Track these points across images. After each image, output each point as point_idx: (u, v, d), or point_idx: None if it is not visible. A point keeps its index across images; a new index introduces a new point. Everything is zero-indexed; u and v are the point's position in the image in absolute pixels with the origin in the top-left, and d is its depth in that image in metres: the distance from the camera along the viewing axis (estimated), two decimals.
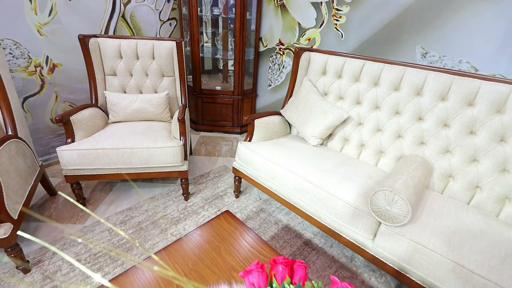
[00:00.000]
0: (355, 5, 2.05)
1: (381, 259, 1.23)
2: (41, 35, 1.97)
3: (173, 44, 2.03)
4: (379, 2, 1.92)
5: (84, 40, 1.85)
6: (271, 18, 2.65)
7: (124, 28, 2.43)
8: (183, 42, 2.02)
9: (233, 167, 1.88)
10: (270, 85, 2.91)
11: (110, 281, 0.86)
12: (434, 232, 1.11)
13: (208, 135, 2.99)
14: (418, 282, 1.13)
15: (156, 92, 2.10)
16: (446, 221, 1.18)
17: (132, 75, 2.07)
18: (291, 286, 0.48)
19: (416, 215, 1.20)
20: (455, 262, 1.00)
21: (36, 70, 2.02)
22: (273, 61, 2.78)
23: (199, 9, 2.54)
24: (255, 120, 1.80)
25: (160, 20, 2.74)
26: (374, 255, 1.25)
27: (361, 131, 1.75)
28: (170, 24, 2.85)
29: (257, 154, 1.67)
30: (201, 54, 2.85)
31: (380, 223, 1.20)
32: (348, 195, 1.31)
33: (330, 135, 1.87)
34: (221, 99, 2.85)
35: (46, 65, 2.06)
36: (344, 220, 1.32)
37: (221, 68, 3.16)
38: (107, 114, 2.00)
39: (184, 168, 1.77)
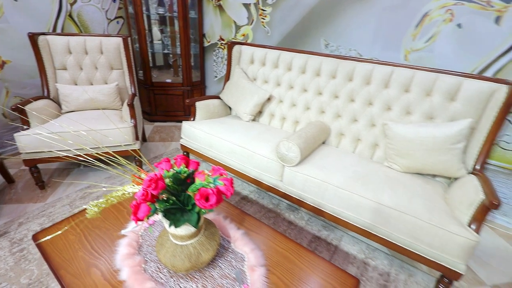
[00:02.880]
0: (276, 6, 2.50)
1: (289, 194, 1.68)
2: None
3: (119, 40, 2.29)
4: (293, 3, 2.39)
5: (33, 38, 2.04)
6: (212, 17, 3.01)
7: (72, 26, 2.61)
8: (131, 38, 2.29)
9: (180, 144, 2.22)
10: (216, 76, 3.27)
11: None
12: (318, 168, 1.58)
13: (162, 125, 3.27)
14: (312, 204, 1.59)
15: (106, 83, 2.34)
16: (330, 161, 1.66)
17: (82, 69, 2.29)
18: (186, 169, 0.86)
19: (309, 159, 1.67)
20: (327, 182, 1.48)
21: None
22: (216, 55, 3.14)
23: (144, 8, 2.79)
24: (196, 102, 2.16)
25: (107, 18, 2.95)
26: (284, 191, 1.70)
27: (282, 107, 2.20)
28: (118, 22, 3.06)
29: (198, 130, 2.03)
30: (151, 50, 3.11)
31: (284, 166, 1.65)
32: (265, 151, 1.74)
33: (260, 112, 2.30)
34: (172, 91, 3.14)
35: None
36: (263, 170, 1.75)
37: (172, 63, 3.44)
38: (60, 106, 2.20)
39: (137, 146, 2.07)
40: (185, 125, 2.10)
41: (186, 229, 0.85)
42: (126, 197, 0.77)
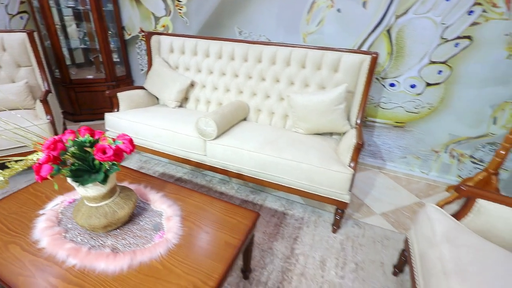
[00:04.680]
0: None
1: (214, 166, 1.87)
2: None
3: (24, 35, 2.16)
4: None
5: None
6: (129, 9, 2.99)
7: None
8: (40, 34, 2.17)
9: None
10: (142, 70, 3.26)
11: None
12: (235, 139, 1.80)
13: (89, 124, 3.14)
14: (235, 171, 1.81)
15: (14, 82, 2.20)
16: (247, 133, 1.90)
17: None
18: (90, 138, 0.97)
19: (228, 133, 1.88)
20: (242, 149, 1.71)
21: None
22: (139, 47, 3.13)
23: (52, 1, 2.63)
24: (118, 93, 2.19)
25: (8, 14, 2.70)
26: (210, 164, 1.88)
27: (205, 91, 2.37)
28: (22, 17, 2.83)
29: (123, 119, 2.08)
30: (67, 46, 2.95)
31: (205, 141, 1.83)
32: (188, 130, 1.89)
33: (186, 99, 2.43)
34: (95, 88, 3.04)
35: None
36: (188, 148, 1.90)
37: (93, 59, 3.29)
38: None
39: None
40: (108, 116, 2.12)
41: (97, 190, 0.97)
42: (31, 164, 0.86)
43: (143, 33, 3.04)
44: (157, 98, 2.52)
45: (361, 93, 1.86)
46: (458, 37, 1.85)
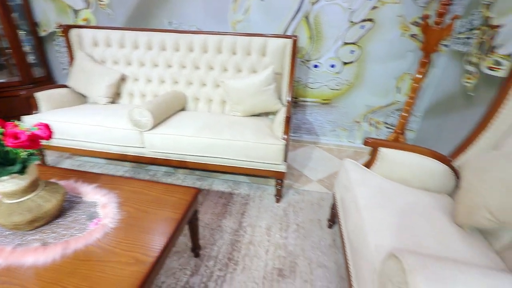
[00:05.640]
0: None
1: (155, 157, 1.85)
2: None
3: None
4: None
5: None
6: (41, 3, 2.69)
7: None
8: None
9: None
10: (65, 68, 2.98)
11: None
12: (173, 127, 1.81)
13: None
14: (177, 159, 1.82)
15: None
16: (185, 121, 1.92)
17: None
18: (2, 129, 0.90)
19: (166, 122, 1.88)
20: (180, 135, 1.73)
21: None
22: (58, 44, 2.86)
23: None
24: (36, 93, 1.99)
25: None
26: (150, 156, 1.86)
27: (138, 84, 2.30)
28: None
29: (45, 121, 1.90)
30: None
31: (142, 132, 1.80)
32: (123, 123, 1.82)
33: (119, 94, 2.32)
34: (9, 92, 2.68)
35: None
36: (124, 142, 1.84)
37: (4, 61, 2.89)
38: None
39: None
40: (27, 119, 1.92)
41: (15, 183, 0.91)
42: None
43: (60, 28, 2.78)
44: (85, 96, 2.35)
45: (288, 73, 2.03)
46: (363, 20, 2.14)
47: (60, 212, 1.08)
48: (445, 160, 1.25)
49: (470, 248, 0.94)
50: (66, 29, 2.21)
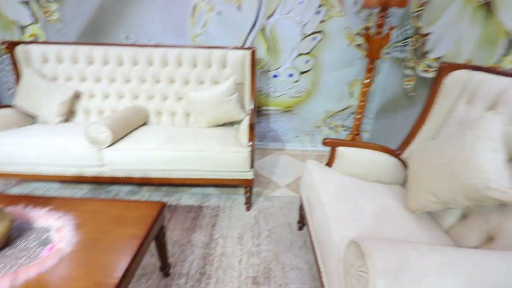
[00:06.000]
0: (62, 2, 2.38)
1: (115, 176, 1.76)
2: None
3: None
4: None
5: None
6: None
7: None
8: None
9: None
10: (10, 89, 2.74)
11: None
12: (134, 142, 1.75)
13: None
14: (140, 176, 1.75)
15: None
16: (147, 135, 1.86)
17: None
18: None
19: (127, 138, 1.81)
20: (142, 149, 1.68)
21: None
22: (2, 62, 2.63)
23: None
24: None
25: None
26: (110, 175, 1.76)
27: (95, 101, 2.19)
28: None
29: None
30: None
31: (100, 150, 1.71)
32: (79, 141, 1.71)
33: (73, 112, 2.19)
34: None
35: None
36: (81, 161, 1.73)
37: None
38: None
39: None
40: None
41: None
42: None
43: (4, 45, 2.57)
44: (34, 117, 2.17)
45: (249, 83, 2.10)
46: (314, 32, 2.31)
47: (7, 241, 0.97)
48: (394, 153, 1.37)
49: (422, 230, 1.03)
50: (10, 45, 2.05)
